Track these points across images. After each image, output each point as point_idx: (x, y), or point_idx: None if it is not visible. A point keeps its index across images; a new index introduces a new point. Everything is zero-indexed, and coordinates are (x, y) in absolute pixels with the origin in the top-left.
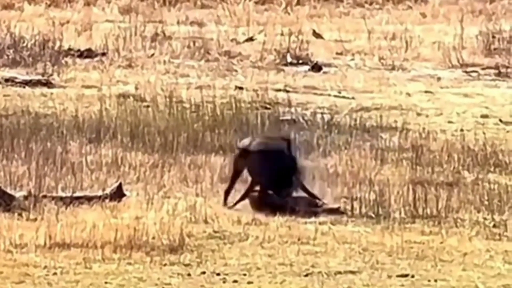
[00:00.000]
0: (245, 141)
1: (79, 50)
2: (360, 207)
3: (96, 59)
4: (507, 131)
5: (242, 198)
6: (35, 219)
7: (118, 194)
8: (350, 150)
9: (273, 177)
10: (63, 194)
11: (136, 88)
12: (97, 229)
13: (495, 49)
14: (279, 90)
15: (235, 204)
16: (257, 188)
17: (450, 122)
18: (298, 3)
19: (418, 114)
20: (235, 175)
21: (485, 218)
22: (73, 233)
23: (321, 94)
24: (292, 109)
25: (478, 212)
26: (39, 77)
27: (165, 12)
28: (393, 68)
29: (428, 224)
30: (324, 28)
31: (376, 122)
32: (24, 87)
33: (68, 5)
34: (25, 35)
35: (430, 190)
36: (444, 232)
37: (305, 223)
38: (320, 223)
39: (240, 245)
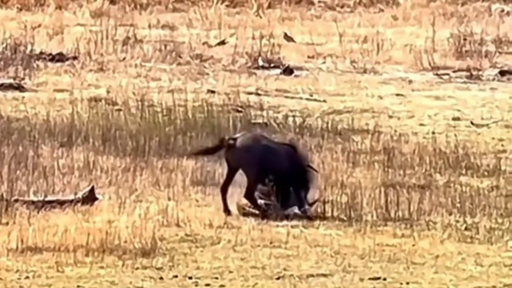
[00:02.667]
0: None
1: (50, 54)
2: (332, 210)
3: (67, 62)
4: (479, 134)
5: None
6: (7, 223)
7: (90, 198)
8: (322, 153)
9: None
10: (35, 198)
11: (108, 92)
12: (69, 233)
13: (466, 51)
14: (250, 93)
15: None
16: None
17: (421, 124)
18: (269, 7)
19: (390, 117)
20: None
21: (457, 221)
22: (45, 237)
23: (292, 97)
24: (264, 112)
25: (450, 214)
26: (11, 81)
27: (137, 15)
28: (364, 71)
29: (400, 227)
30: (295, 31)
31: (347, 125)
32: None
33: (39, 9)
34: None
35: (402, 193)
36: (416, 235)
37: (277, 226)
38: (292, 227)
39: (212, 249)
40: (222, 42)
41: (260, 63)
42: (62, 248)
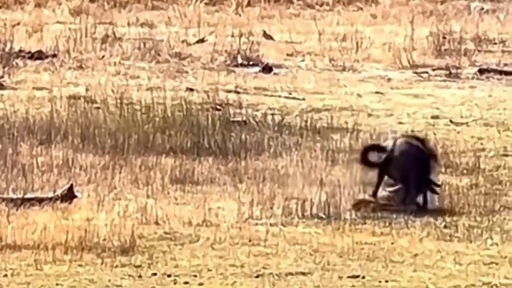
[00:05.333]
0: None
1: (29, 51)
2: (311, 208)
3: (46, 60)
4: (458, 132)
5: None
6: None
7: (69, 195)
8: (300, 151)
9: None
10: (14, 196)
11: (87, 90)
12: (48, 230)
13: (445, 50)
14: (229, 91)
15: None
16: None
17: (400, 123)
18: (248, 5)
19: (369, 115)
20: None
21: (435, 219)
22: (24, 235)
23: (271, 95)
24: (243, 110)
25: (429, 213)
26: None
27: (116, 13)
28: (343, 69)
29: (379, 225)
30: (274, 30)
31: (326, 123)
32: None
33: (18, 6)
34: None
35: None
36: (395, 233)
37: (256, 224)
38: (271, 225)
39: (191, 247)
40: (201, 40)
41: (239, 61)
42: (41, 246)
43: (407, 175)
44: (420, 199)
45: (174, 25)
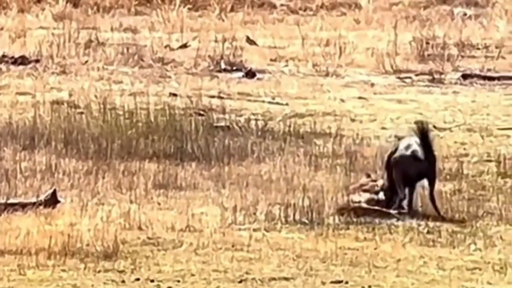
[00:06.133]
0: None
1: (13, 57)
2: (294, 214)
3: (30, 66)
4: (441, 137)
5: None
6: None
7: (52, 200)
8: (284, 156)
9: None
10: None
11: (70, 95)
12: (31, 235)
13: (428, 55)
14: (213, 96)
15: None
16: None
17: (383, 128)
18: (232, 10)
19: (352, 120)
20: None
21: (419, 224)
22: (7, 240)
23: (255, 101)
24: (226, 116)
25: (412, 218)
26: None
27: (99, 18)
28: (327, 74)
29: (362, 230)
30: (258, 35)
31: (310, 128)
32: None
33: (1, 11)
34: None
35: None
36: (378, 238)
37: (239, 229)
38: (254, 230)
39: (174, 252)
40: (184, 45)
41: (223, 66)
42: (24, 251)
43: (393, 179)
44: (405, 203)
45: (157, 30)
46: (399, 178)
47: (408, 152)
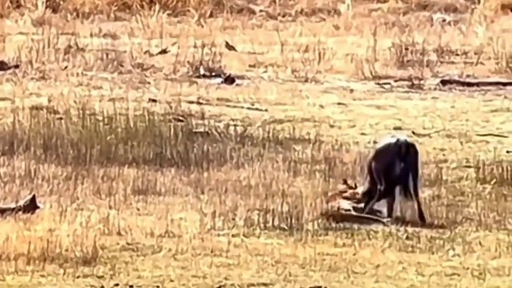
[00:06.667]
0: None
1: None
2: (273, 219)
3: (9, 71)
4: (420, 143)
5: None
6: None
7: (31, 206)
8: (263, 162)
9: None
10: None
11: (49, 101)
12: (10, 241)
13: (408, 61)
14: (192, 102)
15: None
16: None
17: (363, 134)
18: (211, 15)
19: (331, 126)
20: None
21: (398, 230)
22: None
23: (234, 106)
24: (205, 121)
25: (391, 223)
26: None
27: (78, 24)
28: (306, 80)
29: (341, 236)
30: (237, 40)
31: (289, 134)
32: None
33: None
34: None
35: None
36: (357, 244)
37: (218, 235)
38: (233, 235)
39: (153, 257)
40: (164, 51)
41: (202, 72)
42: (3, 257)
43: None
44: (384, 208)
45: (137, 36)
46: (380, 170)
47: (391, 144)
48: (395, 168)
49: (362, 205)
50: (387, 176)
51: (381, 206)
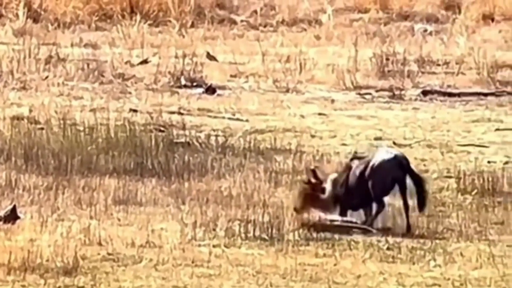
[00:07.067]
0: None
1: None
2: (254, 230)
3: None
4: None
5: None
6: None
7: (12, 216)
8: (244, 172)
9: None
10: None
11: (30, 111)
12: None
13: (389, 71)
14: (173, 112)
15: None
16: None
17: (344, 144)
18: (192, 26)
19: (312, 136)
20: None
21: (378, 241)
22: None
23: (215, 117)
24: (186, 132)
25: (372, 234)
26: None
27: (59, 34)
28: (287, 91)
29: (322, 246)
30: (218, 50)
31: (270, 144)
32: None
33: None
34: None
35: None
36: (338, 255)
37: (199, 245)
38: (214, 246)
39: (134, 268)
40: (145, 61)
41: (183, 82)
42: None
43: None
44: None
45: (118, 46)
46: (379, 188)
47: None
48: (395, 184)
49: (336, 216)
50: (385, 192)
51: (354, 216)
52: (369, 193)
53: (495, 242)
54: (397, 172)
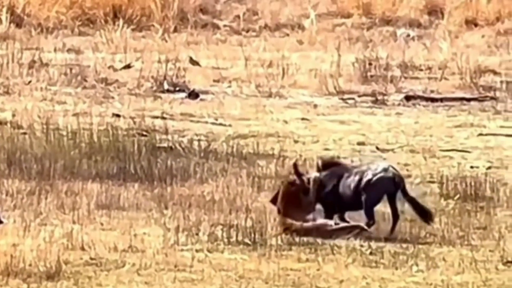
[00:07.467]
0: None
1: None
2: (237, 234)
3: None
4: (384, 159)
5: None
6: None
7: None
8: (227, 177)
9: None
10: None
11: (13, 115)
12: None
13: (371, 76)
14: (156, 117)
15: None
16: None
17: (327, 149)
18: (175, 30)
19: (295, 141)
20: None
21: (361, 246)
22: None
23: (198, 121)
24: (169, 136)
25: (355, 239)
26: None
27: (42, 39)
28: (270, 95)
29: (305, 251)
30: (201, 55)
31: (253, 149)
32: None
33: None
34: None
35: None
36: (320, 259)
37: (182, 250)
38: (196, 251)
39: (117, 272)
40: (128, 66)
41: (166, 87)
42: None
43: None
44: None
45: (101, 51)
46: (374, 203)
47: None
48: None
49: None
50: (375, 205)
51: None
52: (360, 202)
53: (478, 247)
54: (391, 188)
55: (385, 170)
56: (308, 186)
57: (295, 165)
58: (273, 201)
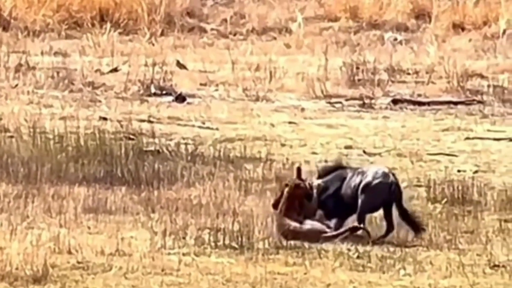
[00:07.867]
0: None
1: None
2: (224, 238)
3: None
4: (371, 162)
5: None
6: None
7: None
8: (214, 181)
9: None
10: None
11: (0, 119)
12: None
13: (359, 80)
14: (143, 120)
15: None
16: None
17: (314, 153)
18: (162, 34)
19: (282, 145)
20: None
21: (349, 249)
22: None
23: (185, 125)
24: (156, 140)
25: (342, 243)
26: None
27: (29, 42)
28: (257, 99)
29: (292, 255)
30: (188, 59)
31: (240, 153)
32: None
33: None
34: None
35: None
36: (307, 263)
37: (169, 254)
38: (183, 254)
39: (103, 276)
40: (115, 70)
41: (153, 90)
42: None
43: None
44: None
45: (88, 54)
46: (369, 205)
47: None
48: (381, 207)
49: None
50: (370, 211)
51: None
52: (356, 205)
53: (465, 251)
54: (388, 197)
55: (386, 176)
56: (311, 192)
57: (298, 170)
58: (275, 205)
